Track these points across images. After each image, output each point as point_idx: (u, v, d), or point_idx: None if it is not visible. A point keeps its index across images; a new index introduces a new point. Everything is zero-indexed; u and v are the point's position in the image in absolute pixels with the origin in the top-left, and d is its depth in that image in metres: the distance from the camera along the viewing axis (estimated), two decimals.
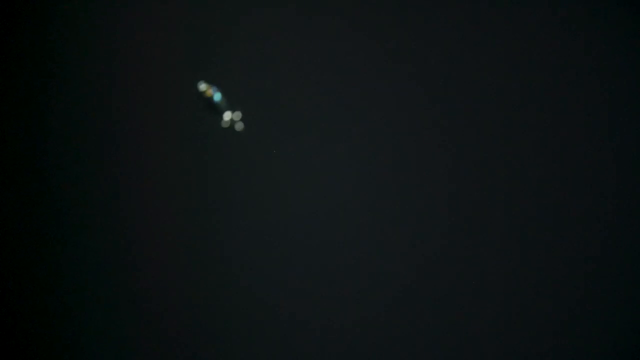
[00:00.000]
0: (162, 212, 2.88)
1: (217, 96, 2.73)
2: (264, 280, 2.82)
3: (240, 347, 2.80)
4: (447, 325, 2.71)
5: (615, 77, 2.72)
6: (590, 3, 2.74)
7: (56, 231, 2.91)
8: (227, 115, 2.78)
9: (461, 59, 2.80)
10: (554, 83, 2.76)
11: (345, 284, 2.79)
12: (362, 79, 2.85)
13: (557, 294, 2.67)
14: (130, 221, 2.89)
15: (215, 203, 2.87)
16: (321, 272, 2.81)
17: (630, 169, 2.70)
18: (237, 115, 2.76)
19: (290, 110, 2.87)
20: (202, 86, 2.74)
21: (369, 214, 2.81)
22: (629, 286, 2.65)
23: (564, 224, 2.71)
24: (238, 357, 2.79)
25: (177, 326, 2.83)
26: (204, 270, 2.85)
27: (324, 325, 2.78)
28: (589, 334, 2.64)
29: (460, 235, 2.75)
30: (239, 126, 2.72)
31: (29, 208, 2.91)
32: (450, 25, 2.81)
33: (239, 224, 2.85)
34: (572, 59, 2.76)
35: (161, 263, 2.86)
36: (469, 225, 2.75)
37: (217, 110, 2.76)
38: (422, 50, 2.83)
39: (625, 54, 2.72)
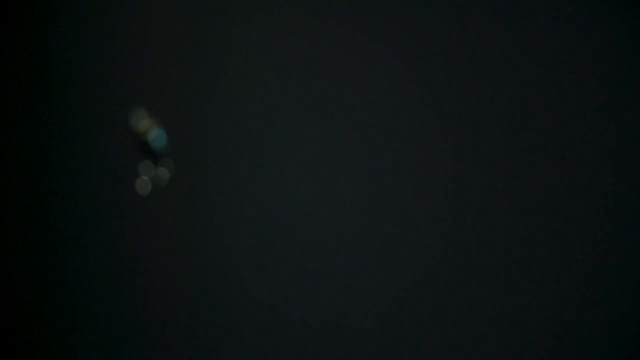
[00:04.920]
0: (162, 212, 2.88)
1: (160, 142, 2.29)
2: (264, 282, 2.82)
3: (240, 347, 2.80)
4: (447, 326, 2.71)
5: (615, 78, 2.72)
6: (590, 3, 2.74)
7: (55, 232, 2.91)
8: (157, 168, 2.35)
9: (461, 59, 2.80)
10: (554, 84, 2.76)
11: (345, 285, 2.79)
12: (361, 81, 2.85)
13: (557, 296, 2.67)
14: (129, 222, 2.89)
15: (215, 204, 2.87)
16: (321, 273, 2.81)
17: (630, 169, 2.70)
18: (165, 170, 2.37)
19: (290, 112, 2.87)
20: (142, 124, 2.25)
21: (368, 216, 2.81)
22: (629, 286, 2.65)
23: (564, 225, 2.71)
24: (238, 357, 2.79)
25: (177, 327, 2.83)
26: (204, 272, 2.85)
27: (324, 326, 2.78)
28: (589, 334, 2.64)
29: (461, 237, 2.75)
30: (163, 181, 2.32)
31: (29, 209, 2.91)
32: (450, 26, 2.81)
33: (239, 225, 2.86)
34: (572, 59, 2.76)
35: (161, 265, 2.87)
36: (469, 227, 2.75)
37: (151, 155, 2.33)
38: (420, 50, 2.83)
39: (625, 54, 2.72)
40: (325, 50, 2.86)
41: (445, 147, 2.79)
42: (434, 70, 2.81)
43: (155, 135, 2.40)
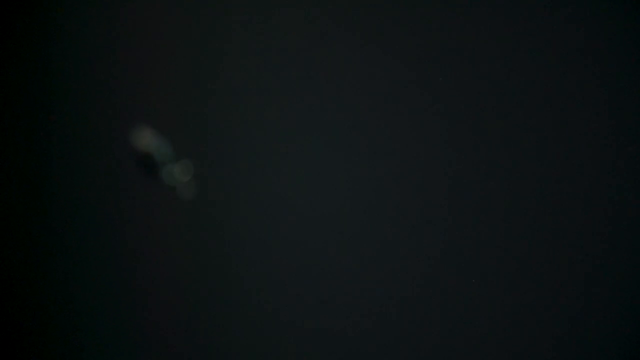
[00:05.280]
0: (162, 212, 2.88)
1: (160, 153, 2.34)
2: (264, 282, 2.82)
3: (240, 347, 2.80)
4: (447, 326, 2.71)
5: (615, 78, 2.72)
6: (591, 3, 2.74)
7: (54, 232, 2.91)
8: (170, 169, 2.39)
9: (461, 59, 2.80)
10: (554, 83, 2.76)
11: (345, 285, 2.79)
12: (360, 81, 2.85)
13: (557, 296, 2.67)
14: (129, 222, 2.89)
15: (215, 204, 2.87)
16: (321, 273, 2.81)
17: (630, 169, 2.69)
18: (181, 168, 2.40)
19: (290, 112, 2.87)
20: (147, 141, 2.32)
21: (368, 216, 2.81)
22: (629, 286, 2.65)
23: (564, 225, 2.71)
24: (238, 357, 2.79)
25: (177, 327, 2.83)
26: (204, 272, 2.85)
27: (324, 327, 2.78)
28: (589, 334, 2.64)
29: (461, 237, 2.75)
30: (184, 178, 2.34)
31: (29, 209, 2.91)
32: (450, 26, 2.81)
33: (239, 225, 2.85)
34: (572, 59, 2.76)
35: (161, 265, 2.87)
36: (469, 227, 2.75)
37: (157, 165, 2.38)
38: (420, 50, 2.83)
39: (625, 54, 2.72)
40: (325, 50, 2.86)
41: (446, 147, 2.79)
42: (434, 70, 2.80)
43: (159, 147, 2.46)
